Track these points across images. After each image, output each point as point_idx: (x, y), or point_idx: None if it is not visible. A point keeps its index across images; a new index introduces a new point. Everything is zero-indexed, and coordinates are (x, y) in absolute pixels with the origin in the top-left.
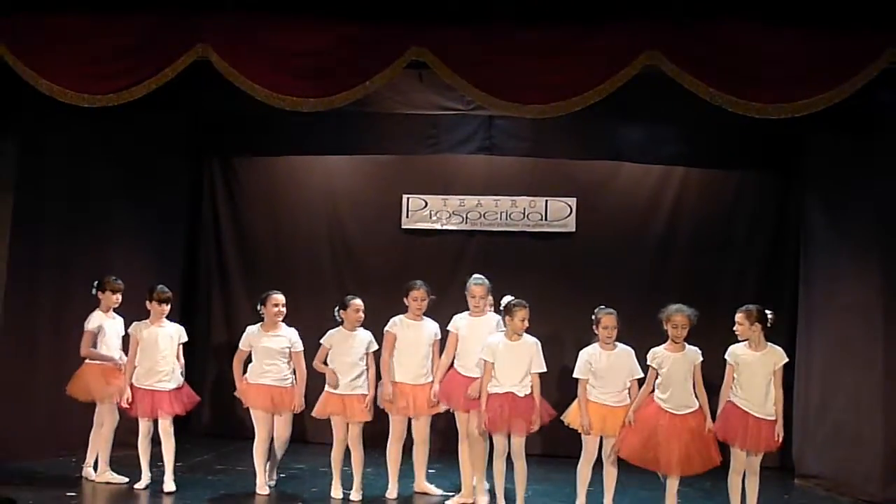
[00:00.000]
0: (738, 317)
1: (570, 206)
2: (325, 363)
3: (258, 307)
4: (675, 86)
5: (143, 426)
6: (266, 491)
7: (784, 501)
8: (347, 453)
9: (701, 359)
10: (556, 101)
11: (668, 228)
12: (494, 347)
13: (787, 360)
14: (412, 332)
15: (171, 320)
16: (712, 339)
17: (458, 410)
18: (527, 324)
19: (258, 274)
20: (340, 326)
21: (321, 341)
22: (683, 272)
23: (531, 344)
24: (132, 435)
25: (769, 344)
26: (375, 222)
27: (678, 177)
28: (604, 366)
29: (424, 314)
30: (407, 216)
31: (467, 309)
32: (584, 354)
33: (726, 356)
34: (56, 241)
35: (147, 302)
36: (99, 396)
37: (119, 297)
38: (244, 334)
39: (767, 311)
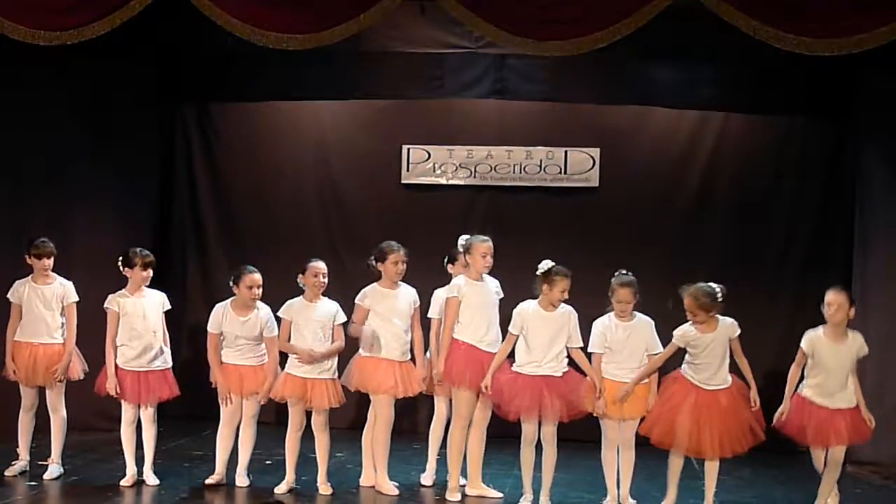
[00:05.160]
0: (838, 298)
1: (592, 157)
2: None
3: (231, 284)
4: (713, 18)
5: (129, 413)
6: (245, 482)
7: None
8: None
9: (738, 331)
10: (577, 37)
11: (705, 183)
12: (525, 318)
13: (867, 350)
14: (389, 302)
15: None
16: (753, 310)
17: (461, 389)
18: (566, 296)
19: (239, 236)
20: (301, 296)
21: (279, 314)
22: (721, 233)
23: (567, 314)
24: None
25: (849, 330)
26: (372, 177)
27: (716, 123)
28: (620, 338)
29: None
30: (407, 169)
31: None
32: (599, 326)
33: (802, 344)
34: (5, 202)
35: (124, 268)
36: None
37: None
38: (212, 314)
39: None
